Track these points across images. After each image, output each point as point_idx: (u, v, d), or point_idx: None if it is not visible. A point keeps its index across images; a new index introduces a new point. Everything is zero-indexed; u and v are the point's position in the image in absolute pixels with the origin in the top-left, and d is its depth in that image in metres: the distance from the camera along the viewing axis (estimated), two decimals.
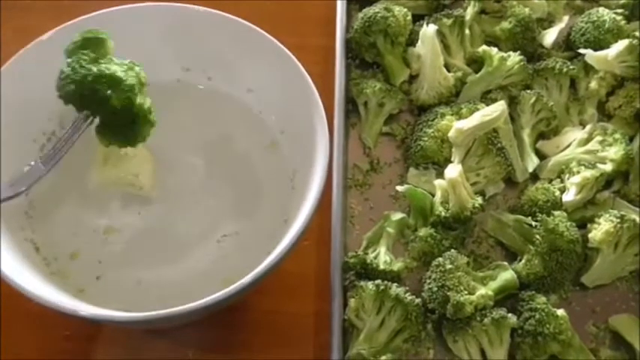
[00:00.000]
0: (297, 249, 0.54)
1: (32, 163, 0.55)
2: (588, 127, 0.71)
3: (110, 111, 0.53)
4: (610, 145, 0.69)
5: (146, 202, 0.60)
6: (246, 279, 0.49)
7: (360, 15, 0.76)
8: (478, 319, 0.60)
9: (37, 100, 0.59)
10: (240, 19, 0.62)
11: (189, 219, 0.60)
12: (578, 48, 0.76)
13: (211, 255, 0.58)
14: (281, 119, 0.61)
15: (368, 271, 0.63)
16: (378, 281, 0.61)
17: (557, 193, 0.67)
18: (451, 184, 0.64)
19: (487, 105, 0.70)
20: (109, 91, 0.53)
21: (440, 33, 0.74)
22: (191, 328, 0.61)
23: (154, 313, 0.48)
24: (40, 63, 0.58)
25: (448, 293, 0.59)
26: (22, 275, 0.51)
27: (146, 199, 0.60)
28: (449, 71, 0.74)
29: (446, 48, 0.75)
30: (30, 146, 0.60)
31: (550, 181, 0.69)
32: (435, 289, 0.60)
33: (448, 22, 0.75)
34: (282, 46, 0.60)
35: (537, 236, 0.63)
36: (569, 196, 0.66)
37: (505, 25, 0.76)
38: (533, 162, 0.70)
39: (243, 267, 0.51)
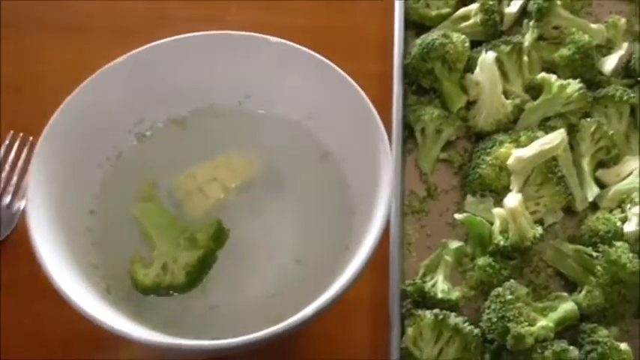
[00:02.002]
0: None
1: None
2: None
3: None
4: None
5: None
6: (309, 310, 0.49)
7: (418, 41, 0.76)
8: (539, 351, 0.59)
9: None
10: (300, 46, 0.62)
11: (250, 246, 0.60)
12: (639, 75, 0.75)
13: (270, 284, 0.58)
14: (342, 146, 0.61)
15: (425, 300, 0.63)
16: (437, 310, 0.60)
17: (619, 223, 0.66)
18: (511, 213, 0.64)
19: (546, 133, 0.70)
20: None
21: (498, 60, 0.74)
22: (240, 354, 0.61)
23: (215, 342, 0.48)
24: (104, 92, 0.59)
25: (508, 324, 0.59)
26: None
27: None
28: (507, 98, 0.74)
29: (504, 75, 0.75)
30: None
31: (610, 210, 0.68)
32: (495, 319, 0.60)
33: (506, 48, 0.75)
34: (343, 73, 0.60)
35: (598, 267, 0.62)
36: (631, 227, 0.65)
37: (564, 51, 0.76)
38: (593, 191, 0.69)
39: (303, 297, 0.51)
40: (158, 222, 0.59)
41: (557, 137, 0.68)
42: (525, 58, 0.76)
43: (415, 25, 0.81)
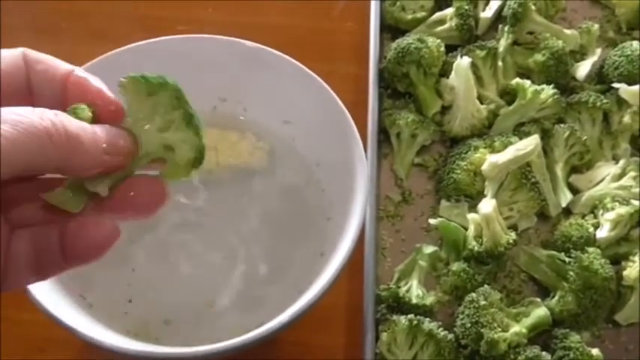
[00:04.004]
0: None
1: None
2: (622, 162, 0.71)
3: None
4: None
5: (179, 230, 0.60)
6: (284, 317, 0.49)
7: (394, 45, 0.76)
8: (512, 356, 0.59)
9: None
10: (276, 51, 0.62)
11: (222, 250, 0.60)
12: (612, 81, 0.76)
13: (243, 290, 0.58)
14: (317, 151, 0.61)
15: (400, 305, 0.63)
16: (411, 316, 0.60)
17: (591, 229, 0.66)
18: (485, 219, 0.64)
19: (520, 138, 0.70)
20: None
21: (473, 64, 0.74)
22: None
23: (190, 350, 0.47)
24: None
25: (482, 330, 0.59)
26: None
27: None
28: (481, 103, 0.74)
29: (478, 79, 0.75)
30: None
31: (583, 216, 0.69)
32: (469, 325, 0.60)
33: (481, 53, 0.75)
34: (319, 78, 0.60)
35: (571, 273, 0.63)
36: (602, 233, 0.66)
37: (538, 57, 0.76)
38: (566, 197, 0.69)
39: (278, 304, 0.51)
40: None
41: (531, 143, 0.68)
42: (500, 63, 0.76)
43: (391, 29, 0.81)
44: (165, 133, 0.38)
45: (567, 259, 0.64)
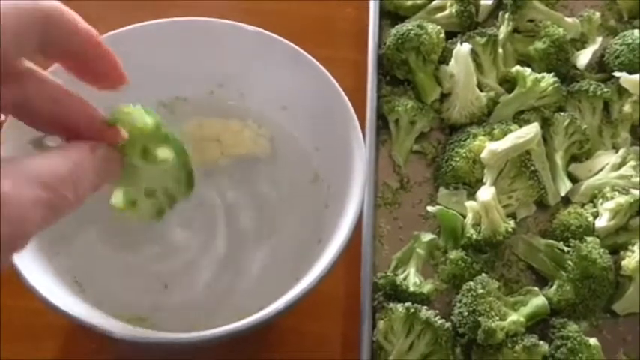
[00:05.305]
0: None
1: None
2: (621, 152, 0.70)
3: None
4: None
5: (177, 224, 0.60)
6: (280, 303, 0.48)
7: (393, 32, 0.75)
8: (509, 345, 0.59)
9: None
10: (275, 35, 0.61)
11: (220, 238, 0.59)
12: (612, 70, 0.75)
13: (240, 278, 0.58)
14: (315, 136, 0.60)
15: (397, 293, 0.62)
16: (408, 304, 0.60)
17: (590, 218, 0.66)
18: (484, 207, 0.64)
19: (519, 126, 0.69)
20: None
21: (473, 51, 0.73)
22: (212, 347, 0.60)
23: (186, 335, 0.47)
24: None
25: (479, 318, 0.59)
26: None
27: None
28: (481, 90, 0.73)
29: (478, 67, 0.75)
30: None
31: (582, 205, 0.68)
32: (466, 313, 0.60)
33: (481, 40, 0.75)
34: (318, 63, 0.60)
35: (569, 262, 0.62)
36: (602, 222, 0.66)
37: (539, 45, 0.75)
38: (565, 185, 0.69)
39: (274, 290, 0.51)
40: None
41: (531, 131, 0.68)
42: (500, 51, 0.76)
43: (391, 15, 0.80)
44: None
45: (566, 249, 0.64)
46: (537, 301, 0.62)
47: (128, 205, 0.43)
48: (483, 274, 0.62)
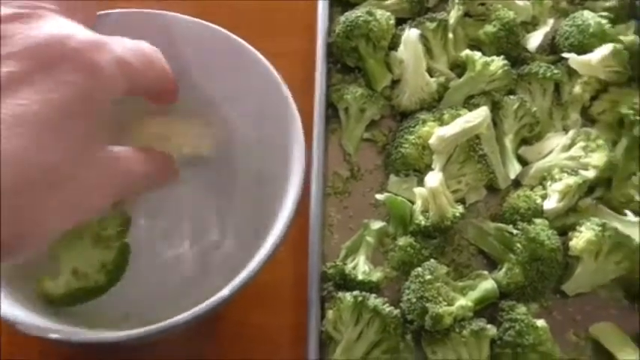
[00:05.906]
0: (273, 258, 0.52)
1: None
2: (571, 133, 0.70)
3: None
4: (593, 151, 0.68)
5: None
6: (222, 294, 0.48)
7: (342, 19, 0.74)
8: (457, 330, 0.59)
9: None
10: (215, 26, 0.60)
11: (159, 228, 0.59)
12: (563, 52, 0.75)
13: (176, 270, 0.57)
14: (257, 128, 0.60)
15: (346, 282, 0.62)
16: (356, 292, 0.60)
17: (539, 200, 0.66)
18: (431, 192, 0.64)
19: (470, 110, 0.69)
20: None
21: (423, 37, 0.73)
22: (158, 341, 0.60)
23: (121, 333, 0.46)
24: None
25: (427, 305, 0.59)
26: None
27: None
28: (432, 76, 0.73)
29: (429, 52, 0.74)
30: None
31: (532, 188, 0.68)
32: (414, 300, 0.60)
33: (431, 25, 0.74)
34: (258, 53, 0.59)
35: (518, 245, 0.63)
36: (550, 204, 0.66)
37: (489, 28, 0.75)
38: (515, 169, 0.69)
39: (213, 281, 0.50)
40: None
41: (480, 115, 0.68)
42: (450, 35, 0.75)
43: (341, 3, 0.79)
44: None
45: (514, 232, 0.64)
46: (486, 285, 0.62)
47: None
48: (432, 260, 0.62)
